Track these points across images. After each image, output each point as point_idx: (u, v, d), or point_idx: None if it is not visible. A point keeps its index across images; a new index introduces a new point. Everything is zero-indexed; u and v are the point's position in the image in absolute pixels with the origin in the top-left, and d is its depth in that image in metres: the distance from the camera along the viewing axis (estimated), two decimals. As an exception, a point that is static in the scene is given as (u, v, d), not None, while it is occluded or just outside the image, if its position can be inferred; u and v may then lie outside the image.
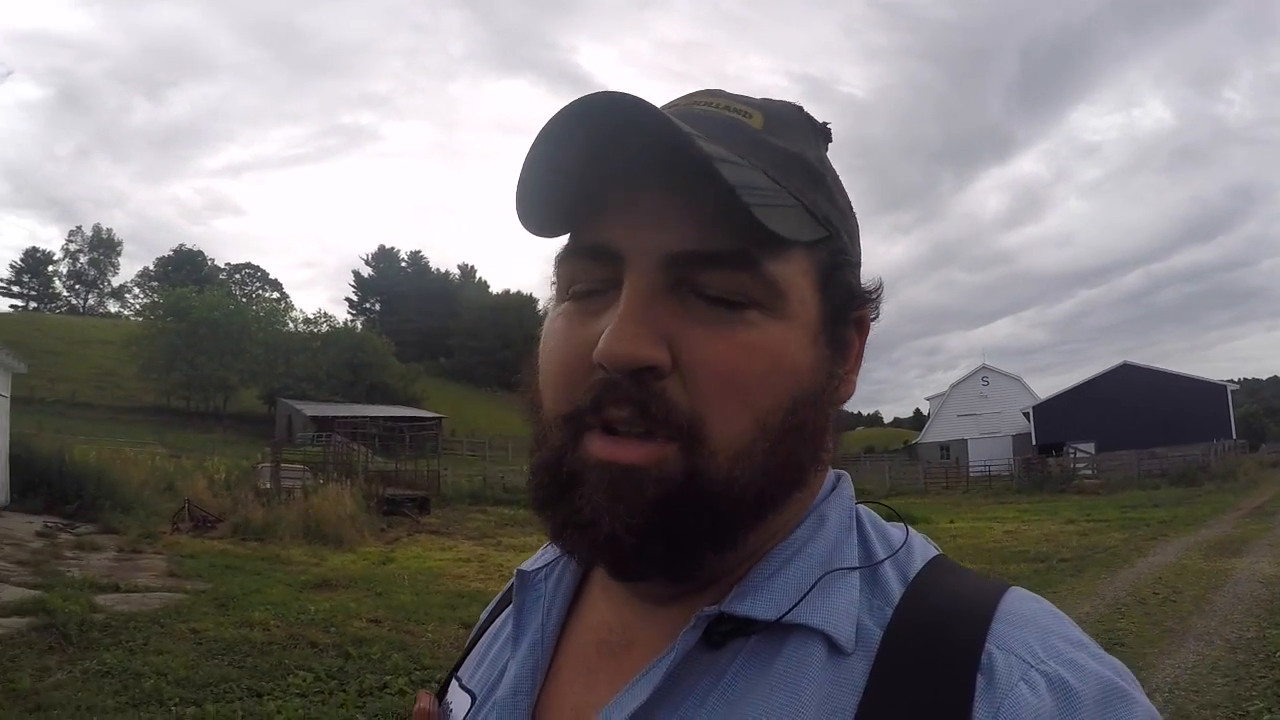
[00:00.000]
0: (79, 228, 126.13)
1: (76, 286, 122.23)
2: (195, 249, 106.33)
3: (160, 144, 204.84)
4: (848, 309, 0.71)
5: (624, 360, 0.60)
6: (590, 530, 0.62)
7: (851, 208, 0.75)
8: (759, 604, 0.64)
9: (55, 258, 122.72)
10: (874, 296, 0.75)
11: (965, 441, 58.89)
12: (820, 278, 0.67)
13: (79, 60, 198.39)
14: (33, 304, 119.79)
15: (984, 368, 63.02)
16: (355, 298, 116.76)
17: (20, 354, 19.64)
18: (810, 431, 0.66)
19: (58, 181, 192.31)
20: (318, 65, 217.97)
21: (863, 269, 0.75)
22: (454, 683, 0.83)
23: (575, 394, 0.64)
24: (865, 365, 0.75)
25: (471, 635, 0.90)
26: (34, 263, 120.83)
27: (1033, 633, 0.60)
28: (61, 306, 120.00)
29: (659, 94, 0.70)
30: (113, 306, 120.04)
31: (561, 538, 0.66)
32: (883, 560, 0.68)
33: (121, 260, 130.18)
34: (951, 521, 21.88)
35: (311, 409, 51.72)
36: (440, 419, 51.50)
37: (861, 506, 0.76)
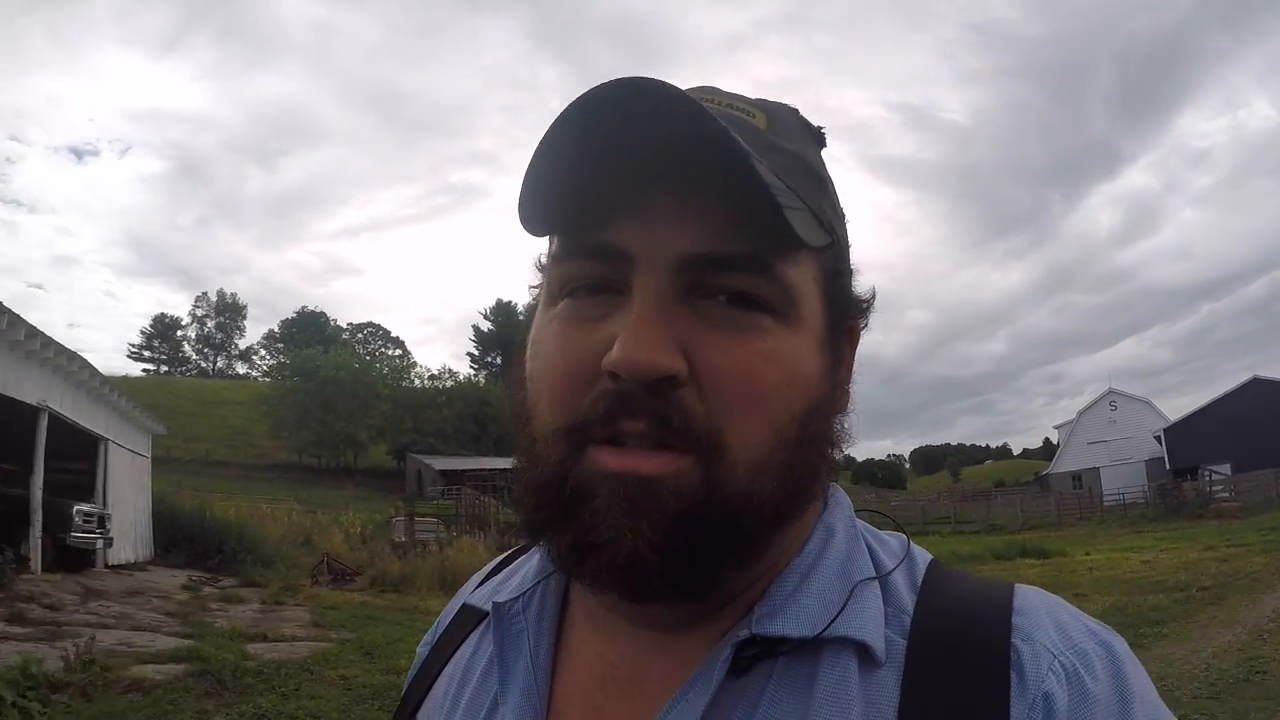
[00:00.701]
0: (204, 293, 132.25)
1: (205, 350, 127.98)
2: (317, 310, 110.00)
3: (277, 210, 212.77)
4: (846, 317, 0.70)
5: (645, 369, 0.57)
6: (609, 550, 0.58)
7: (845, 217, 0.74)
8: (791, 621, 0.62)
9: (183, 323, 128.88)
10: (868, 306, 0.74)
11: (1097, 470, 56.92)
12: (825, 285, 0.66)
13: (194, 133, 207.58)
14: (164, 368, 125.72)
15: (1111, 392, 60.82)
16: (476, 351, 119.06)
17: (157, 416, 20.66)
18: (822, 441, 0.65)
19: (181, 250, 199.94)
20: (423, 126, 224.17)
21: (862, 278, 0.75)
22: None
23: (579, 404, 0.60)
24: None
25: (415, 671, 0.84)
26: (163, 328, 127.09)
27: (1049, 622, 0.61)
28: (192, 370, 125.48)
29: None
30: (241, 368, 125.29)
31: (572, 561, 0.62)
32: (894, 569, 0.68)
33: (247, 323, 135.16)
34: (1087, 554, 21.32)
35: (440, 463, 52.65)
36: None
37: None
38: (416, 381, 76.02)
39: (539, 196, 0.61)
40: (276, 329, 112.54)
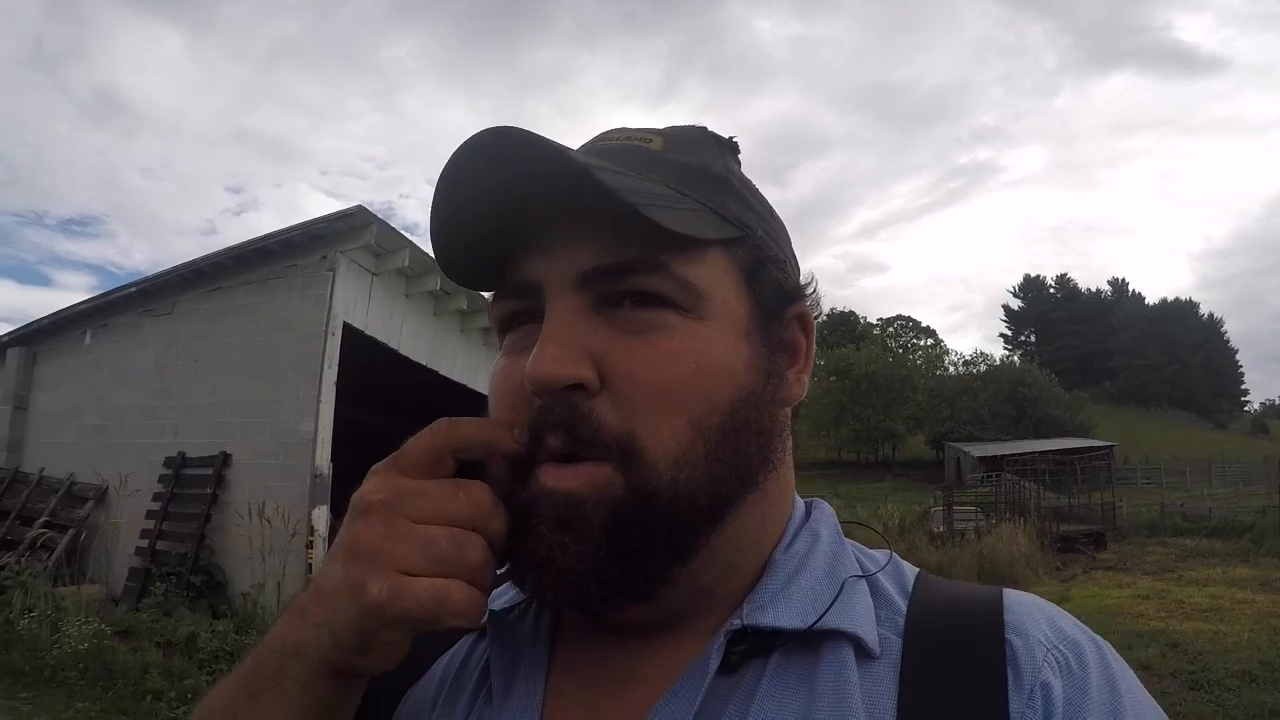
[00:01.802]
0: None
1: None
2: (847, 310, 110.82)
3: (795, 222, 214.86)
4: (780, 306, 0.70)
5: (547, 380, 0.59)
6: (546, 569, 0.60)
7: (773, 211, 0.76)
8: (783, 614, 0.63)
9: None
10: (808, 293, 0.75)
11: None
12: (745, 276, 0.67)
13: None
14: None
15: None
16: (1009, 332, 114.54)
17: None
18: (754, 431, 0.65)
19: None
20: (921, 114, 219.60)
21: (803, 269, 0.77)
22: None
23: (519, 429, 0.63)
24: None
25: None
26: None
27: (1041, 618, 0.63)
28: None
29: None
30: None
31: (524, 581, 0.64)
32: (878, 571, 0.69)
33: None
34: None
35: (979, 449, 51.24)
36: (1111, 447, 48.28)
37: None
38: (950, 369, 75.05)
39: (448, 258, 0.68)
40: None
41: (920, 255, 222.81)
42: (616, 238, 0.62)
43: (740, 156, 0.76)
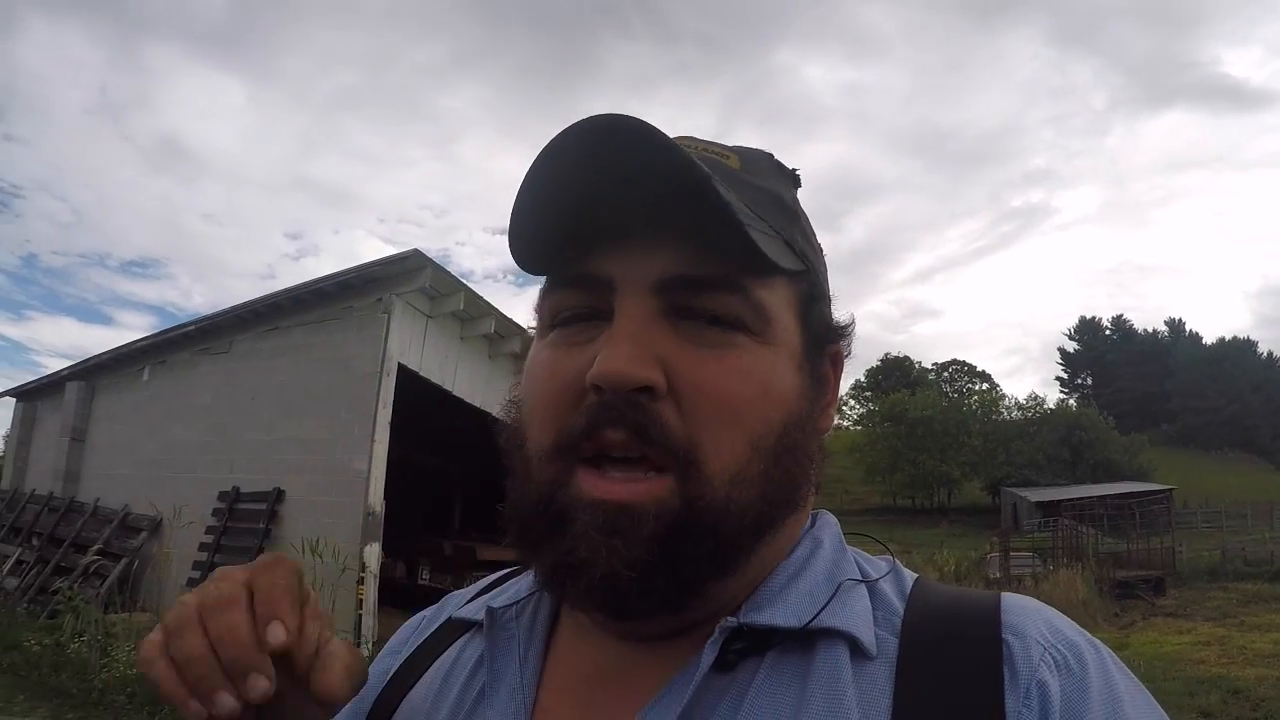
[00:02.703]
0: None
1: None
2: (901, 355, 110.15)
3: (849, 268, 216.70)
4: (825, 341, 0.73)
5: (623, 379, 0.59)
6: (585, 571, 0.60)
7: (821, 249, 0.77)
8: (779, 613, 0.63)
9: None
10: (847, 331, 0.77)
11: None
12: (800, 309, 0.69)
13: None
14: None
15: None
16: (1064, 375, 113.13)
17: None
18: (802, 455, 0.67)
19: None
20: (972, 158, 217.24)
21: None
22: None
23: (566, 421, 0.63)
24: None
25: (391, 673, 0.81)
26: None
27: (1040, 620, 0.63)
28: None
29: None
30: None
31: (555, 582, 0.64)
32: (880, 578, 0.70)
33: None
34: None
35: (1035, 494, 50.50)
36: (1170, 490, 47.25)
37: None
38: (1005, 414, 74.24)
39: (525, 235, 0.65)
40: (863, 378, 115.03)
41: (975, 299, 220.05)
42: (700, 250, 0.62)
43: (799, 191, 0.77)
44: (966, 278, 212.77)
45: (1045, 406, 74.25)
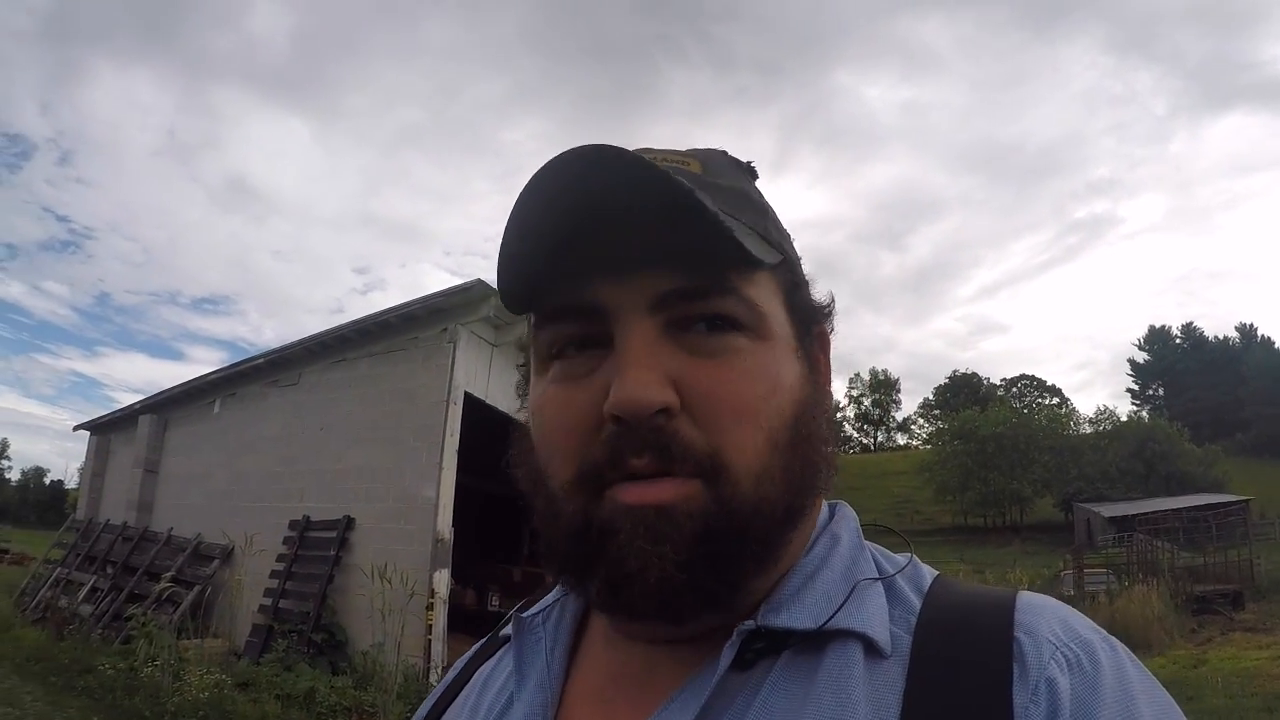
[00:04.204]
0: (857, 374, 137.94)
1: (865, 427, 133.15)
2: (969, 372, 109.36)
3: (914, 286, 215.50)
4: (811, 325, 0.74)
5: (642, 406, 0.60)
6: (640, 579, 0.60)
7: (790, 236, 0.78)
8: (796, 615, 0.64)
9: (841, 405, 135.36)
10: (829, 310, 0.78)
11: None
12: (786, 298, 0.70)
13: (821, 235, 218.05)
14: (828, 447, 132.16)
15: None
16: (1135, 387, 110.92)
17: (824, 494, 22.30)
18: (817, 439, 0.68)
19: (831, 341, 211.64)
20: (1034, 171, 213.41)
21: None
22: None
23: (587, 455, 0.63)
24: None
25: (445, 685, 0.88)
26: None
27: (1054, 618, 0.63)
28: (854, 447, 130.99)
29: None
30: (901, 439, 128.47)
31: (609, 598, 0.64)
32: (897, 573, 0.70)
33: (902, 396, 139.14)
34: None
35: (1108, 509, 49.43)
36: (1246, 501, 45.95)
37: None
38: (1075, 429, 73.00)
39: (513, 272, 0.65)
40: (931, 396, 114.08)
41: (1042, 313, 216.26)
42: (689, 261, 0.63)
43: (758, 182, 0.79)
44: (1033, 292, 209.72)
45: (1116, 419, 73.05)
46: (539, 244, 0.63)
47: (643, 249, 0.63)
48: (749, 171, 0.78)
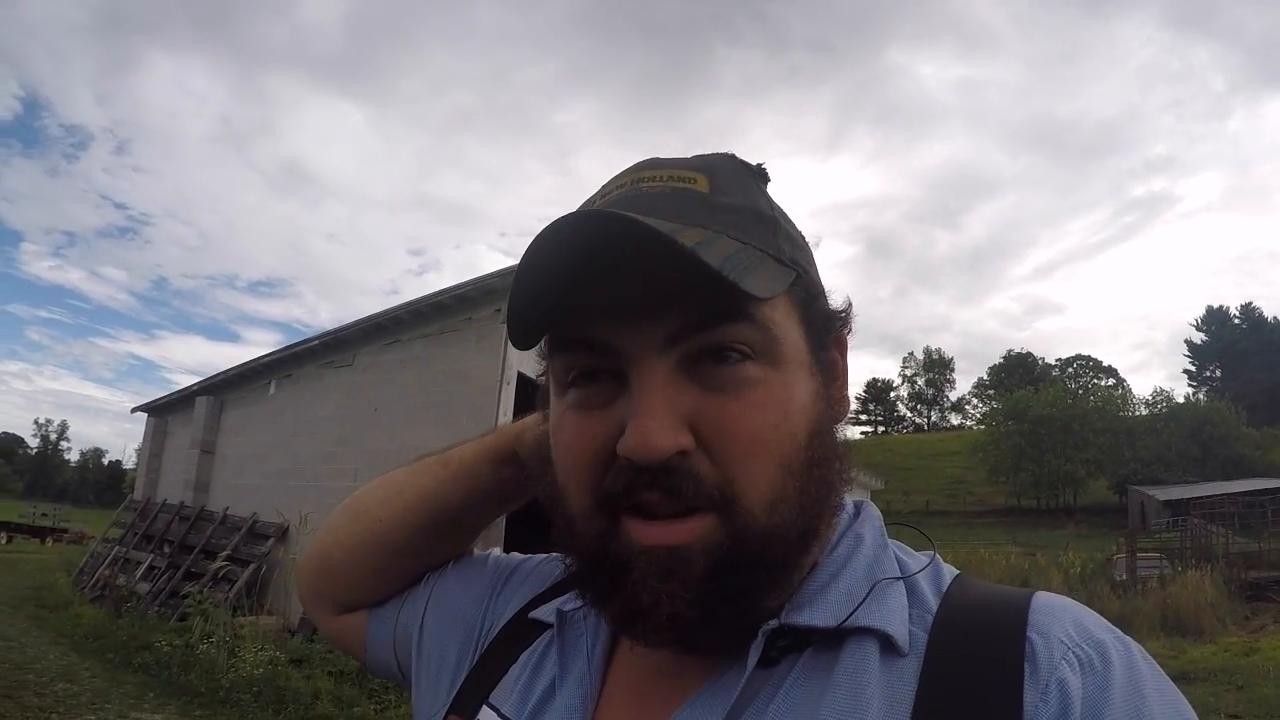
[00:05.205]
0: (911, 354, 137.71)
1: (918, 406, 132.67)
2: (1024, 352, 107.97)
3: (969, 265, 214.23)
4: (827, 334, 0.74)
5: (655, 454, 0.61)
6: (652, 614, 0.62)
7: (804, 238, 0.77)
8: (817, 614, 0.66)
9: (895, 384, 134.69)
10: (845, 314, 0.78)
11: None
12: (801, 313, 0.70)
13: (875, 214, 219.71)
14: (880, 428, 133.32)
15: None
16: (1192, 368, 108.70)
17: (876, 473, 22.38)
18: (831, 456, 0.69)
19: (884, 320, 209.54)
20: (1091, 149, 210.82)
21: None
22: (486, 708, 0.82)
23: (602, 483, 0.65)
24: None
25: (483, 655, 0.89)
26: (875, 392, 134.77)
27: (1068, 619, 0.64)
28: (907, 426, 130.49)
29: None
30: (954, 419, 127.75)
31: (624, 625, 0.68)
32: (918, 572, 0.71)
33: (956, 376, 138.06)
34: None
35: (1163, 493, 48.42)
36: (1305, 486, 45.50)
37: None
38: (1131, 410, 71.85)
39: (520, 312, 0.66)
40: (985, 376, 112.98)
41: (1098, 293, 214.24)
42: (702, 300, 0.63)
43: (769, 184, 0.78)
44: (1089, 271, 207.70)
45: (1173, 401, 71.79)
46: (553, 285, 0.64)
47: (650, 295, 0.64)
48: (759, 175, 0.77)
